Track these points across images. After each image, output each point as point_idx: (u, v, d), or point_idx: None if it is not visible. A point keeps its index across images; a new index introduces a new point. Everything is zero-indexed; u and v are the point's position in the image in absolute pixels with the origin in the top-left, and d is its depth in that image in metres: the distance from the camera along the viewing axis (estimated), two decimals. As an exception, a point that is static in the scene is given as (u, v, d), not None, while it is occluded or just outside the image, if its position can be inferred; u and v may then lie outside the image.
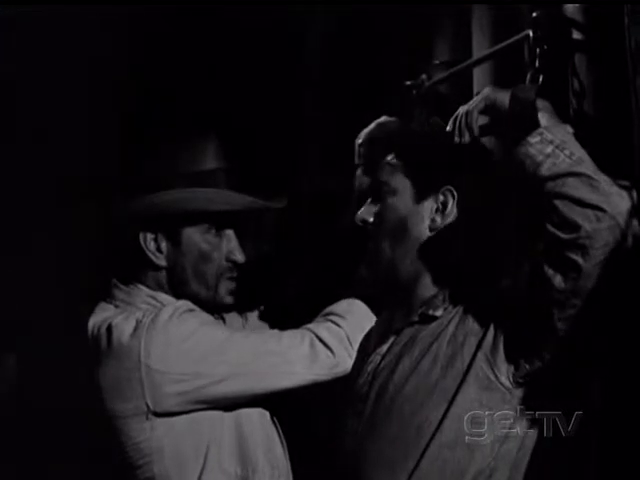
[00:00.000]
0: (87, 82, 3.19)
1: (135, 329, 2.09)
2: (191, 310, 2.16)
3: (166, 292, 2.20)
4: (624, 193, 1.60)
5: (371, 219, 1.96)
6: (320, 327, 2.17)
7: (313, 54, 3.00)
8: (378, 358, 1.93)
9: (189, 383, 2.08)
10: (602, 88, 1.94)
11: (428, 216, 1.89)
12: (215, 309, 2.26)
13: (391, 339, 1.94)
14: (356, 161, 2.26)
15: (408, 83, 2.38)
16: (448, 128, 1.88)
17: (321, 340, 2.14)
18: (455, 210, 1.88)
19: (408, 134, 2.03)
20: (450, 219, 1.88)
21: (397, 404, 1.83)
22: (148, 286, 2.20)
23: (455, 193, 1.88)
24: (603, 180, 1.60)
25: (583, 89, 1.96)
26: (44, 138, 3.24)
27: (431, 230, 1.89)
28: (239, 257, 2.22)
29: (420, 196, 1.90)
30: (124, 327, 2.11)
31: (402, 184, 1.92)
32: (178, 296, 2.20)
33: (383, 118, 2.22)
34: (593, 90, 1.95)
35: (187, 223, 2.19)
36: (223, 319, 2.39)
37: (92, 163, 3.17)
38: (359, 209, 2.04)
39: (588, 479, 1.88)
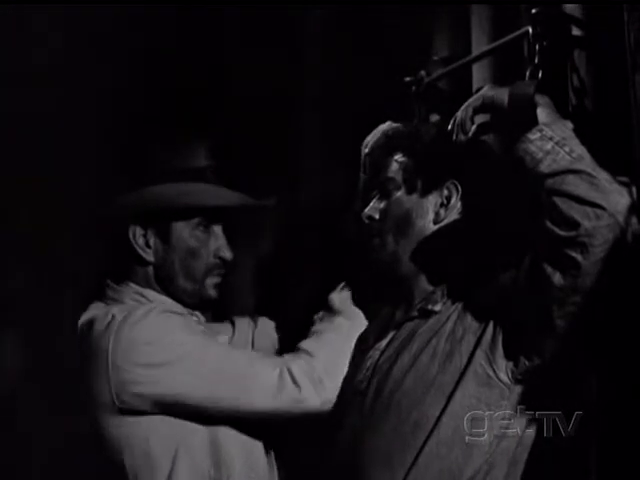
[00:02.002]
0: (84, 80, 3.18)
1: (108, 324, 2.09)
2: (167, 312, 2.13)
3: (154, 288, 2.20)
4: (624, 190, 1.60)
5: (377, 216, 1.98)
6: (294, 362, 2.11)
7: (312, 51, 2.99)
8: (377, 353, 1.94)
9: (148, 387, 2.06)
10: (601, 84, 1.94)
11: (433, 210, 1.93)
12: (200, 303, 2.25)
13: (390, 334, 1.95)
14: (362, 171, 2.22)
15: (407, 79, 2.38)
16: (449, 127, 1.89)
17: (291, 374, 2.08)
18: (459, 204, 1.90)
19: (413, 132, 2.03)
20: (454, 213, 1.90)
21: (395, 399, 1.84)
22: (137, 283, 2.20)
23: (459, 187, 1.90)
24: (603, 177, 1.61)
25: (583, 85, 1.95)
26: (39, 137, 3.23)
27: (435, 223, 1.92)
28: (227, 254, 2.22)
29: (425, 190, 1.94)
30: (102, 321, 2.11)
31: (408, 179, 1.94)
32: (165, 291, 2.20)
33: (387, 124, 2.17)
34: (592, 86, 1.95)
35: (177, 218, 2.18)
36: (233, 322, 2.40)
37: (85, 161, 3.16)
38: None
39: (587, 476, 1.88)
